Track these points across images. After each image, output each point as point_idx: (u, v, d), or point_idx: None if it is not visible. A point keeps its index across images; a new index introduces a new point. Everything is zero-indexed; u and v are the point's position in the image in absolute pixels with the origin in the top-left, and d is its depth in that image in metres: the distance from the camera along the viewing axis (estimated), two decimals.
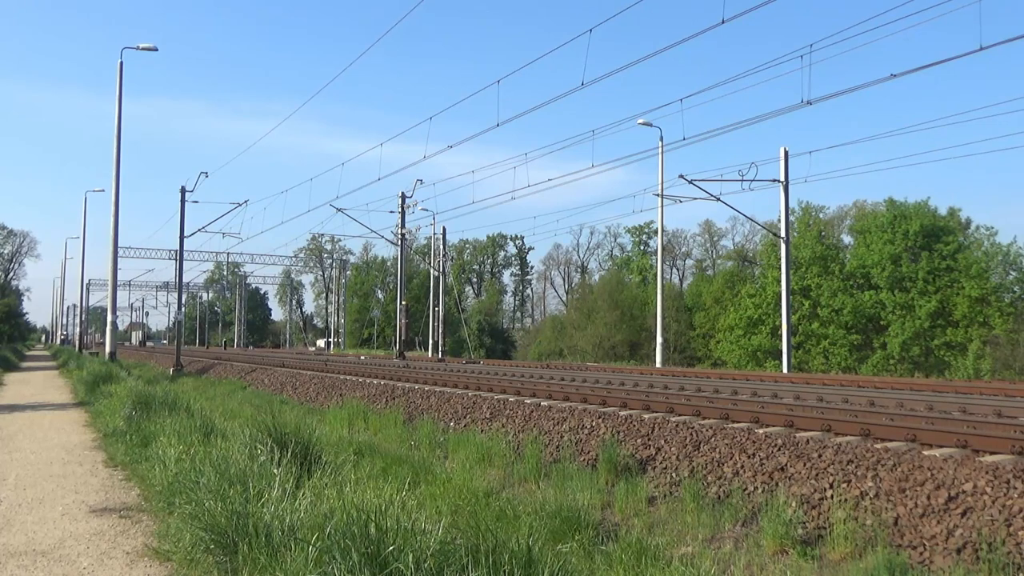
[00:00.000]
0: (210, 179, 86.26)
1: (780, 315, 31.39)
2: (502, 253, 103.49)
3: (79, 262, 68.23)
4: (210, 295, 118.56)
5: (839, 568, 6.17)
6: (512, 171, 58.43)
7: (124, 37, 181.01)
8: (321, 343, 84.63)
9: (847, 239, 53.27)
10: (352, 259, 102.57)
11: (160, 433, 9.80)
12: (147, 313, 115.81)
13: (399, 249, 44.52)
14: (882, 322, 43.78)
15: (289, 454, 7.19)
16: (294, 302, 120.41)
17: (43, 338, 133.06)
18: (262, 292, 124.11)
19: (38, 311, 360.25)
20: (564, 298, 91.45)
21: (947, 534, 6.16)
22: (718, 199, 30.31)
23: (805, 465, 7.77)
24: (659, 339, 34.99)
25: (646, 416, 10.83)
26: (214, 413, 12.51)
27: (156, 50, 31.93)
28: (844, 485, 7.18)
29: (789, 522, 6.69)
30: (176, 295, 39.70)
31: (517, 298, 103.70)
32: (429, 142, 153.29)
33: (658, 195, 33.92)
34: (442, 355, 46.92)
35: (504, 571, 4.10)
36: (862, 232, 47.34)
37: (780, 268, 31.27)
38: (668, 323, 44.96)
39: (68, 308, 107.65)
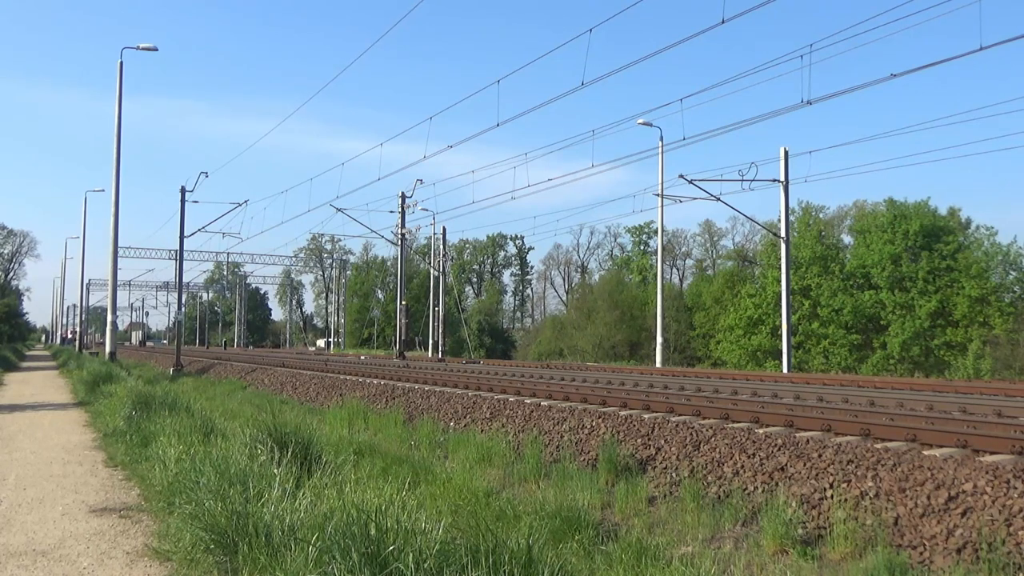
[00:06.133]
0: (210, 179, 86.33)
1: (780, 315, 31.40)
2: (502, 253, 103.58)
3: (79, 262, 68.39)
4: (210, 295, 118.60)
5: (839, 568, 6.17)
6: (512, 171, 58.48)
7: (124, 37, 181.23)
8: (321, 343, 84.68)
9: (847, 239, 53.26)
10: (352, 259, 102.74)
11: (160, 433, 9.79)
12: (147, 313, 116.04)
13: (399, 249, 44.52)
14: (882, 322, 43.78)
15: (289, 454, 7.20)
16: (294, 302, 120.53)
17: (43, 338, 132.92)
18: (262, 292, 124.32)
19: (38, 311, 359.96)
20: (564, 298, 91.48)
21: (947, 534, 6.16)
22: (718, 199, 30.36)
23: (805, 465, 7.77)
24: (659, 339, 35.01)
25: (646, 416, 10.83)
26: (214, 413, 12.51)
27: (156, 50, 32.06)
28: (844, 485, 7.17)
29: (789, 522, 6.69)
30: (176, 295, 39.74)
31: (517, 298, 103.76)
32: (429, 142, 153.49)
33: (658, 195, 33.97)
34: (442, 355, 46.88)
35: (504, 571, 4.10)
36: (862, 232, 47.34)
37: (780, 268, 31.28)
38: (668, 323, 44.95)
39: (68, 308, 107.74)
